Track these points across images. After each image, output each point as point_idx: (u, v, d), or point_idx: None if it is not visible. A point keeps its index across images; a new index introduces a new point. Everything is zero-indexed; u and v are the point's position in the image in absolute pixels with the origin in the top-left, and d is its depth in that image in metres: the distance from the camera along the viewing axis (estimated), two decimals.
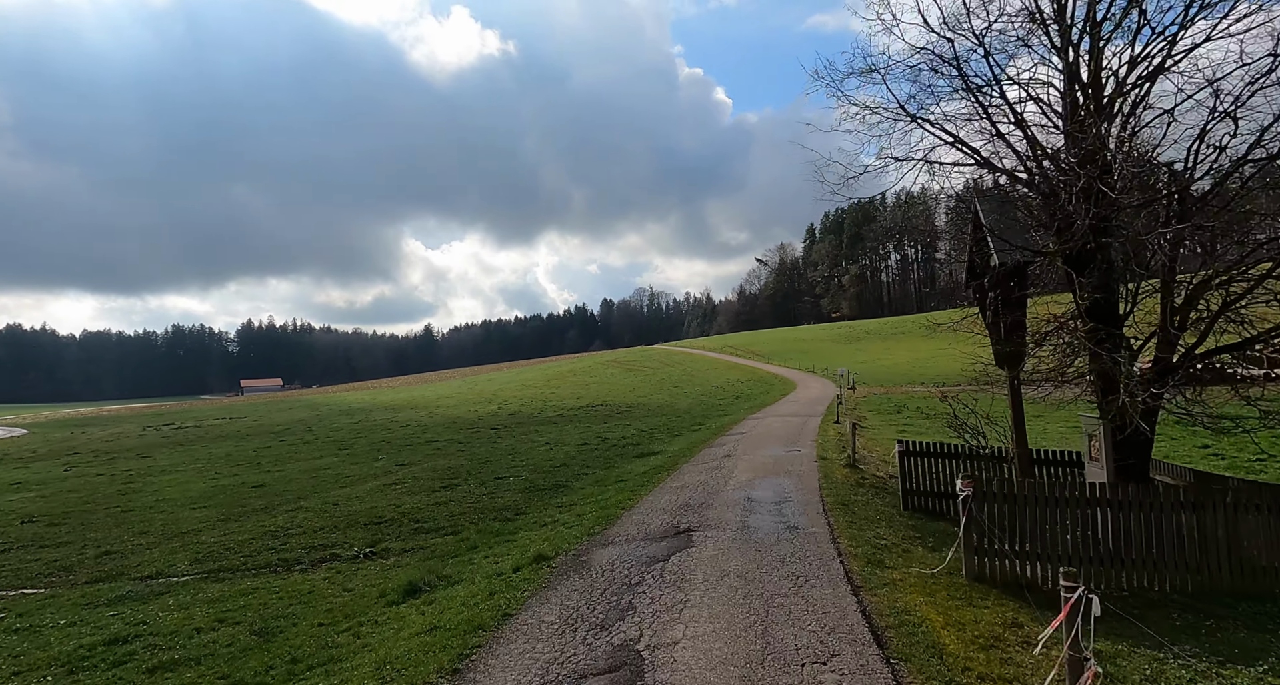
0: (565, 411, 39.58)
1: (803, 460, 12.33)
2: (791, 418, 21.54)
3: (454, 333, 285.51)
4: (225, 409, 66.95)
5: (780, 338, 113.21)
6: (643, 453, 16.08)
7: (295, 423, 44.09)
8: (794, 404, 27.96)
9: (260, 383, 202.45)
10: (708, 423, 23.02)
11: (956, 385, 40.91)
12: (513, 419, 36.58)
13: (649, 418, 30.08)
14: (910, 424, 19.65)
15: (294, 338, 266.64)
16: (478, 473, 14.86)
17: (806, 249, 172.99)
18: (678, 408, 36.00)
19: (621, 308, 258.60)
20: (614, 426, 26.30)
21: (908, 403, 27.93)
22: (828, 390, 36.61)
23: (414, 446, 23.75)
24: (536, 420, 34.38)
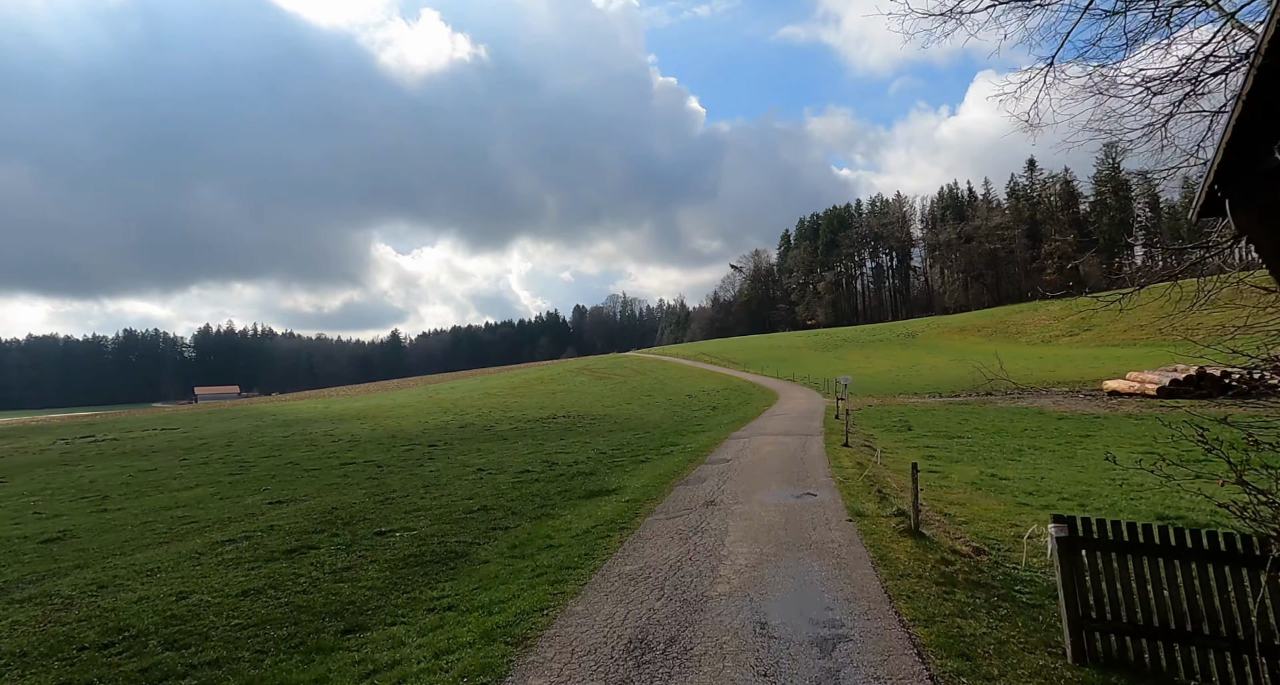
0: (522, 424, 35.13)
1: (828, 516, 8.10)
2: (785, 437, 17.46)
3: (422, 339, 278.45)
4: (163, 419, 61.12)
5: (755, 345, 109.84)
6: (594, 490, 11.76)
7: (221, 436, 38.96)
8: (782, 418, 23.90)
9: (216, 390, 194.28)
10: (682, 442, 18.84)
11: (955, 395, 37.22)
12: (461, 433, 32.04)
13: (614, 433, 25.77)
14: (936, 447, 15.69)
15: (254, 343, 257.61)
16: (360, 521, 10.48)
17: (781, 255, 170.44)
18: (648, 421, 31.70)
19: (594, 314, 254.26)
20: (571, 445, 21.98)
21: (911, 417, 24.08)
22: (815, 401, 32.69)
23: (322, 471, 19.20)
24: (487, 434, 29.89)
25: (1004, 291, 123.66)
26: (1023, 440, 16.34)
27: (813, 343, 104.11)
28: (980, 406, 26.78)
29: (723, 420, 26.84)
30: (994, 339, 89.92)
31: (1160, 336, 69.61)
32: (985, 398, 31.22)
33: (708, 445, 16.94)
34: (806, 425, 20.62)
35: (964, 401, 29.52)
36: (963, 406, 27.31)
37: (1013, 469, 12.14)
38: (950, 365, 67.34)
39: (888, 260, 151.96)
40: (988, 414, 23.72)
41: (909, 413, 25.33)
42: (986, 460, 13.32)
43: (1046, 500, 9.44)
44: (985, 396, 31.74)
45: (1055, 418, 21.25)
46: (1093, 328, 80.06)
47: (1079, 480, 10.99)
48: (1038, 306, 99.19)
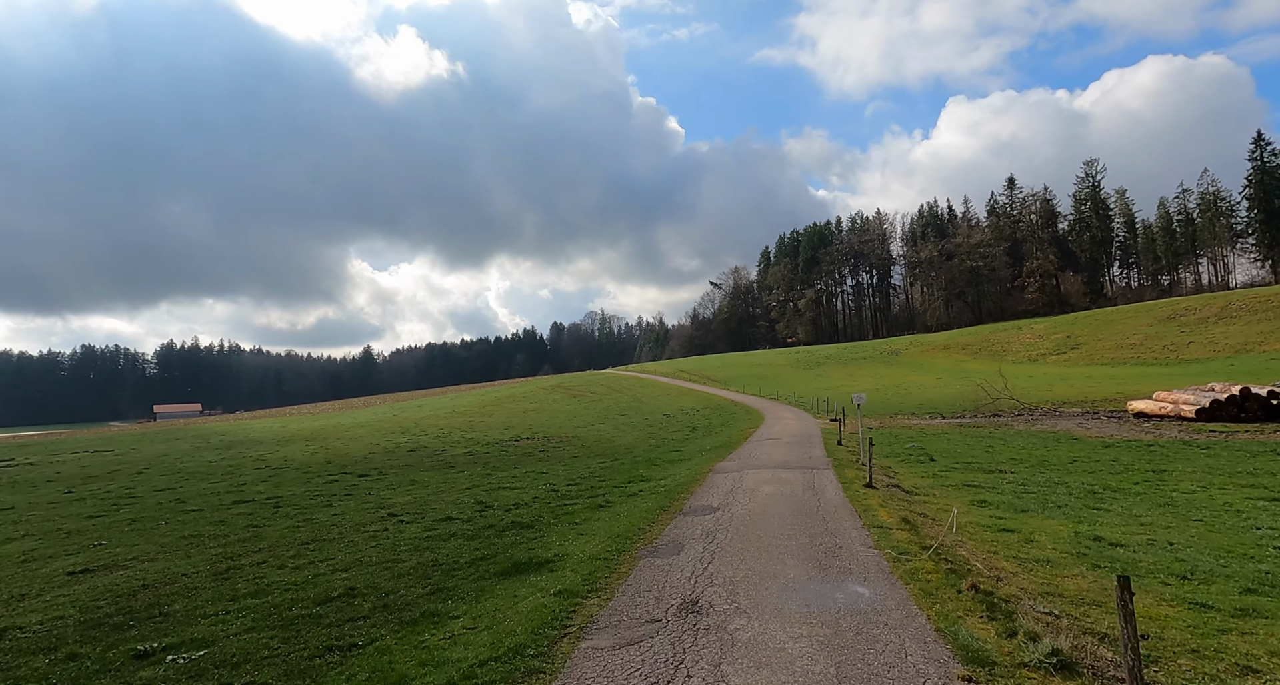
0: (480, 447, 31.25)
1: (918, 663, 4.42)
2: (785, 472, 13.88)
3: (396, 356, 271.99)
4: (104, 440, 55.97)
5: (736, 362, 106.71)
6: (521, 562, 8.05)
7: (145, 461, 34.56)
8: (774, 444, 20.35)
9: (176, 408, 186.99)
10: (655, 476, 15.22)
11: (959, 416, 33.85)
12: (408, 458, 28.07)
13: (578, 460, 22.04)
14: (981, 487, 12.20)
15: (220, 360, 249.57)
16: (146, 620, 6.77)
17: (761, 272, 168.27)
18: (619, 445, 27.99)
19: (572, 332, 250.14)
20: (523, 476, 18.27)
21: (924, 442, 20.69)
22: (807, 423, 29.19)
23: (204, 512, 15.25)
24: (435, 460, 25.95)
25: (985, 309, 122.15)
26: (1081, 476, 12.99)
27: (794, 360, 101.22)
28: (995, 429, 23.48)
29: (704, 445, 23.22)
30: (979, 357, 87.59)
31: (1151, 355, 67.75)
32: (994, 419, 28.00)
33: (687, 481, 13.34)
34: (806, 454, 17.11)
35: (974, 423, 26.25)
36: (975, 429, 24.00)
37: (1111, 525, 8.73)
38: (938, 383, 64.59)
39: (868, 278, 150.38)
40: (1012, 439, 20.39)
41: (919, 437, 21.90)
42: (1063, 509, 9.88)
43: (1232, 597, 5.91)
44: (993, 418, 28.52)
45: (1098, 445, 17.96)
46: (1080, 346, 78.06)
47: (1224, 547, 7.58)
48: (1021, 325, 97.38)
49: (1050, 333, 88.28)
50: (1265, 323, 63.79)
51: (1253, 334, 61.97)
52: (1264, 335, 60.74)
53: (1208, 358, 60.22)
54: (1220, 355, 59.67)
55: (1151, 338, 71.04)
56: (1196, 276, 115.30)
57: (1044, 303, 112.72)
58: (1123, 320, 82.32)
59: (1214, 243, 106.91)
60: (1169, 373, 56.18)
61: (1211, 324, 69.01)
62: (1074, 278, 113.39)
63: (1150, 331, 73.33)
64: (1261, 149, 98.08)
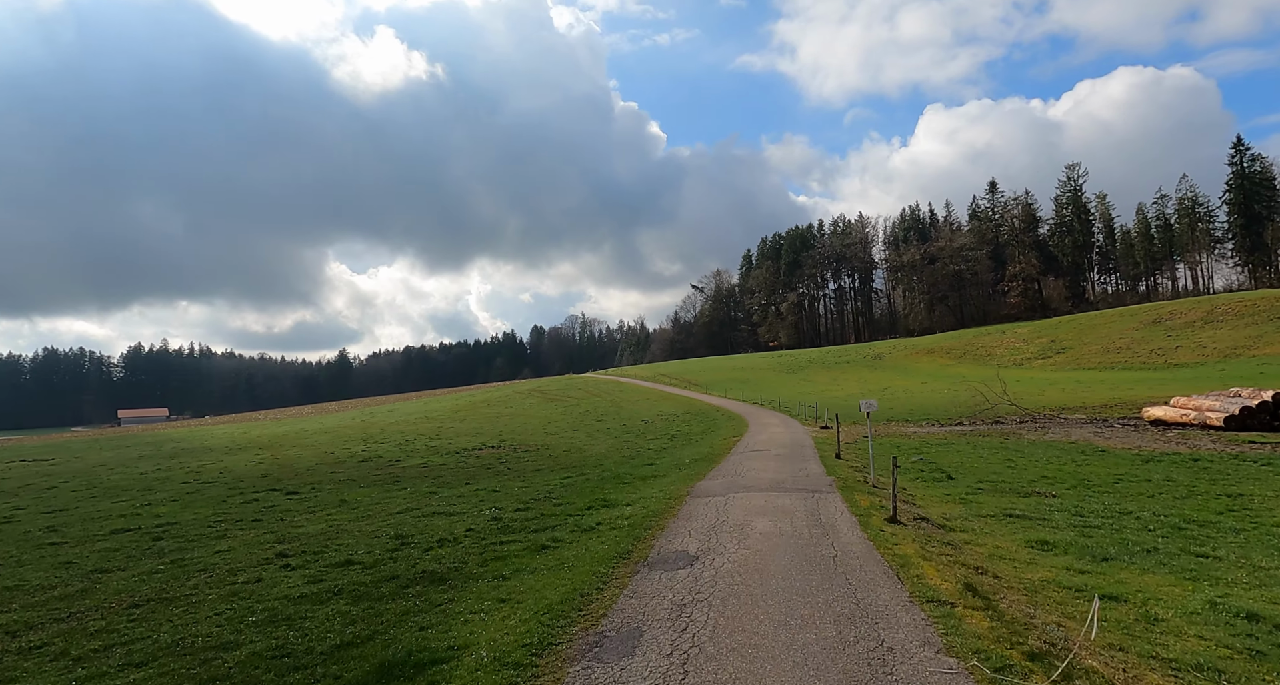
0: (437, 457, 28.42)
1: None
2: (780, 497, 11.29)
3: (372, 359, 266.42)
4: (52, 447, 52.16)
5: (717, 366, 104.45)
6: (399, 661, 5.35)
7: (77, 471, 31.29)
8: (763, 457, 17.80)
9: (142, 413, 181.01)
10: (619, 503, 12.54)
11: (958, 423, 31.45)
12: (355, 470, 25.17)
13: (538, 475, 19.35)
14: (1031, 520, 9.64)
15: (189, 363, 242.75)
16: None
17: (743, 275, 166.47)
18: (589, 455, 25.31)
19: (552, 335, 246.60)
20: (467, 498, 15.57)
21: (933, 455, 18.28)
22: (795, 431, 26.72)
23: (68, 545, 12.40)
24: (380, 475, 23.09)
25: (968, 313, 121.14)
26: (1141, 501, 10.60)
27: (777, 364, 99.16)
28: (1004, 439, 21.15)
29: (683, 457, 20.62)
30: (964, 361, 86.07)
31: (1138, 360, 66.48)
32: (996, 426, 25.73)
33: (659, 509, 10.74)
34: (802, 470, 14.58)
35: (978, 432, 23.92)
36: (982, 438, 21.66)
37: (1245, 586, 6.30)
38: (925, 388, 62.68)
39: (850, 281, 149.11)
40: (1028, 451, 18.02)
41: (923, 448, 19.47)
42: (1156, 556, 7.43)
43: None
44: (995, 425, 26.26)
45: (1134, 459, 15.63)
46: (1066, 350, 76.76)
47: None
48: (1005, 329, 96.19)
49: (1034, 337, 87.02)
50: (1252, 327, 62.70)
51: (1241, 338, 60.78)
52: (1252, 339, 59.57)
53: (1197, 362, 58.88)
54: (1210, 360, 58.35)
55: (1138, 342, 69.79)
56: (1173, 282, 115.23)
57: (1026, 307, 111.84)
58: (1107, 324, 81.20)
59: (1194, 248, 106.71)
60: (1159, 378, 54.69)
61: (1198, 328, 67.88)
62: (1056, 282, 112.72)
63: (1136, 336, 72.12)
64: (1241, 154, 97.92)
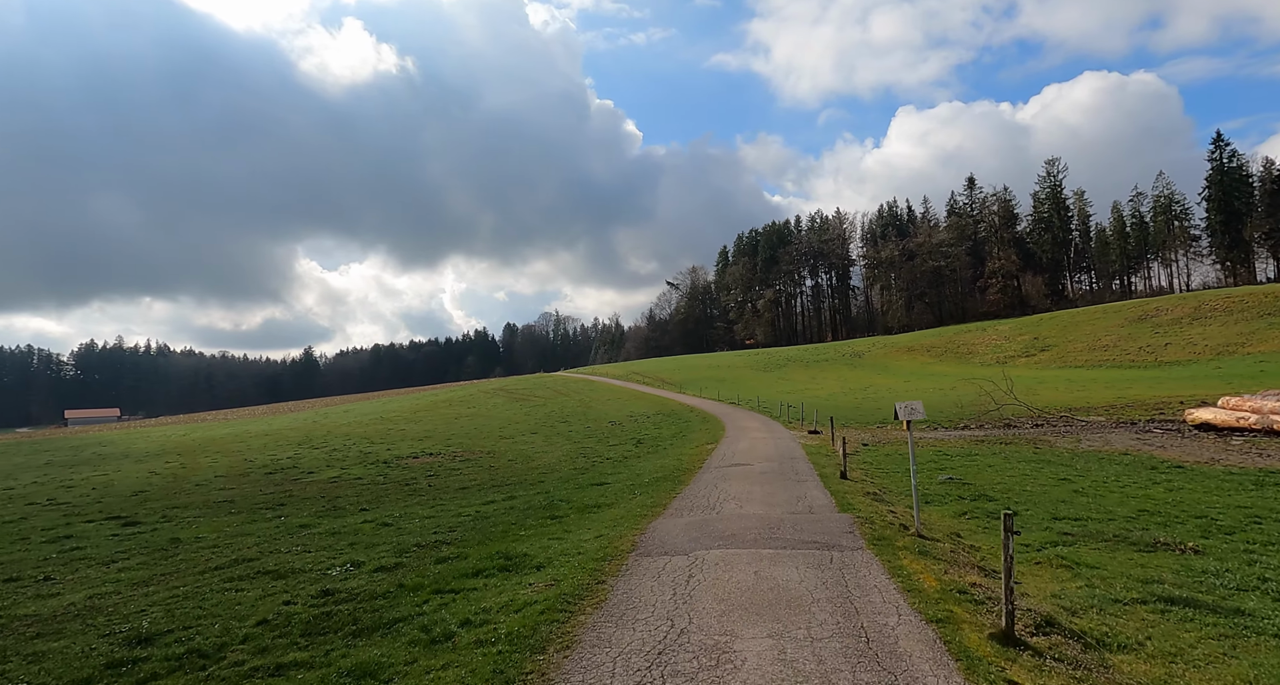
0: (360, 469, 24.51)
1: None
2: (781, 561, 7.15)
3: (340, 358, 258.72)
4: None
5: (692, 365, 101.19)
6: None
7: None
8: (743, 478, 14.22)
9: (91, 413, 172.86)
10: (524, 565, 8.25)
11: (964, 426, 27.93)
12: (253, 486, 21.27)
13: (458, 499, 15.58)
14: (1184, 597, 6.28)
15: (145, 361, 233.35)
16: None
17: (719, 272, 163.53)
18: (536, 466, 21.60)
19: (526, 333, 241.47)
20: (341, 539, 11.82)
21: (952, 466, 14.98)
22: (779, 435, 23.27)
23: None
24: (270, 495, 19.13)
25: (946, 311, 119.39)
26: None
27: (754, 362, 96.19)
28: (1036, 449, 17.87)
29: (643, 473, 17.00)
30: (945, 359, 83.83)
31: (1127, 357, 64.56)
32: (1011, 431, 22.55)
33: (576, 591, 6.72)
34: (800, 500, 10.96)
35: (995, 437, 20.68)
36: (1007, 447, 18.38)
37: None
38: (909, 386, 59.94)
39: (827, 279, 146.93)
40: (1084, 466, 14.69)
41: (941, 460, 16.08)
42: None
43: None
44: (1009, 429, 23.08)
45: (1237, 480, 12.28)
46: (1050, 348, 74.79)
47: None
48: (986, 326, 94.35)
49: (1016, 334, 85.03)
50: (1243, 323, 60.93)
51: (1232, 335, 58.90)
52: (1244, 336, 57.70)
53: (1189, 360, 56.87)
54: (1202, 357, 56.34)
55: (1125, 339, 67.83)
56: (1147, 280, 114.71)
57: (1006, 304, 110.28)
58: (1090, 322, 79.38)
59: (1173, 245, 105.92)
60: (1153, 376, 52.53)
61: (1185, 325, 66.07)
62: (1035, 279, 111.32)
63: (1122, 333, 70.22)
64: (1221, 150, 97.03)
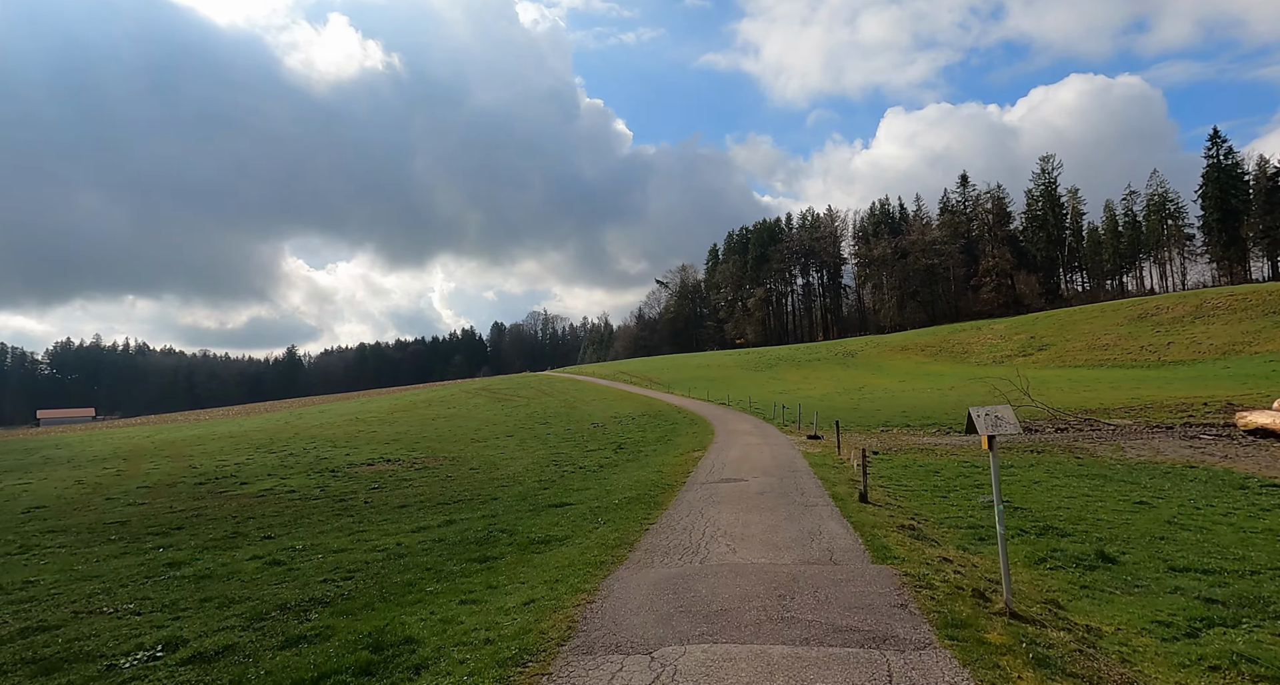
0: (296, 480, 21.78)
1: None
2: (796, 649, 4.44)
3: (324, 357, 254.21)
4: None
5: (681, 364, 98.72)
6: None
7: None
8: (739, 501, 11.56)
9: (65, 413, 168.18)
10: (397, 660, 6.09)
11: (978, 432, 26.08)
12: (168, 502, 18.52)
13: (384, 527, 12.89)
14: None
15: (124, 360, 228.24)
16: None
17: (709, 271, 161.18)
18: (497, 478, 18.95)
19: (513, 332, 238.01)
20: (237, 571, 9.26)
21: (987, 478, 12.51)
22: (773, 440, 20.77)
23: None
24: (175, 516, 16.32)
25: (939, 310, 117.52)
26: None
27: (744, 361, 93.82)
28: (1078, 460, 15.43)
29: (615, 490, 14.39)
30: (940, 359, 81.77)
31: (1128, 357, 62.67)
32: (1035, 436, 20.12)
33: None
34: (816, 539, 8.29)
35: (1024, 444, 18.24)
36: (1040, 455, 15.95)
37: None
38: (904, 386, 57.73)
39: (818, 278, 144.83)
40: (1151, 483, 12.22)
41: (978, 475, 13.58)
42: None
43: None
44: (1031, 434, 20.65)
45: None
46: (1047, 347, 72.88)
47: None
48: (981, 325, 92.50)
49: (1012, 333, 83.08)
50: (1248, 322, 59.09)
51: (1238, 334, 57.02)
52: (1251, 335, 55.82)
53: (1194, 359, 54.94)
54: (1207, 356, 54.41)
55: (1125, 338, 65.91)
56: (1139, 280, 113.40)
57: (1000, 303, 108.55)
58: (1088, 321, 77.52)
59: (1168, 243, 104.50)
60: (1160, 376, 50.56)
61: (1188, 324, 64.22)
62: (1029, 278, 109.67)
63: (1122, 332, 68.31)
64: (1217, 147, 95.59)
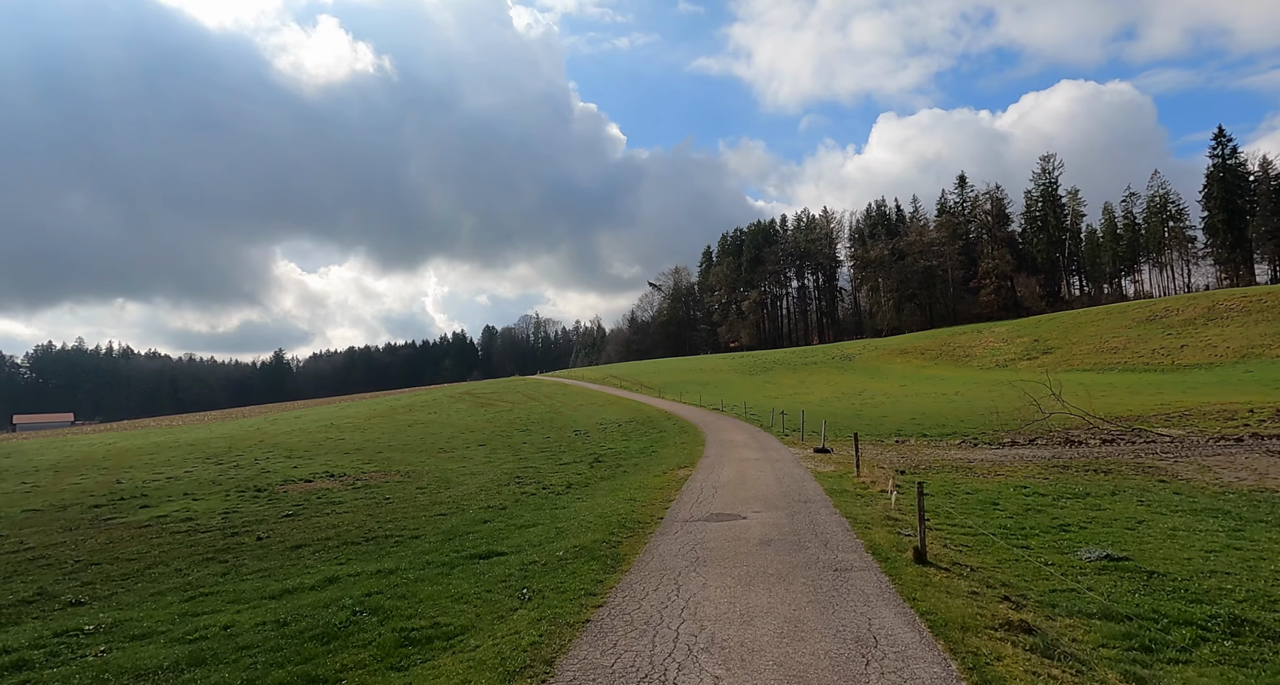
0: (218, 499, 18.75)
1: None
2: None
3: (313, 361, 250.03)
4: None
5: (674, 367, 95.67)
6: None
7: None
8: (735, 553, 8.49)
9: (42, 418, 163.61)
10: None
11: (1012, 441, 21.78)
12: (59, 519, 15.42)
13: (266, 574, 9.91)
14: None
15: (107, 364, 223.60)
16: None
17: (703, 273, 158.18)
18: (442, 502, 15.88)
19: (505, 336, 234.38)
20: None
21: (1066, 514, 9.56)
22: (772, 453, 17.81)
23: None
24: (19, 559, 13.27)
25: (937, 313, 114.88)
26: None
27: (739, 365, 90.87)
28: (1158, 481, 12.44)
29: (572, 526, 11.32)
30: (941, 362, 79.02)
31: (1140, 360, 60.08)
32: (1077, 448, 17.15)
33: None
34: (858, 631, 5.50)
35: (1078, 460, 15.26)
36: (1106, 477, 12.99)
37: None
38: (905, 391, 54.92)
39: (814, 280, 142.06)
40: None
41: (1049, 507, 10.58)
42: None
43: None
44: (1072, 446, 17.68)
45: None
46: (1052, 350, 70.21)
47: None
48: (981, 328, 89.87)
49: (1014, 336, 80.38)
50: (1265, 324, 56.49)
51: (1254, 337, 54.40)
52: (1270, 338, 53.20)
53: (1211, 363, 52.25)
54: (1225, 360, 51.74)
55: (1135, 341, 63.23)
56: (1139, 284, 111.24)
57: (999, 306, 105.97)
58: (1093, 323, 74.92)
59: (1171, 246, 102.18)
60: (1177, 380, 47.87)
61: (1200, 326, 61.60)
62: (1029, 280, 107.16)
63: (1131, 334, 65.66)
64: (1222, 146, 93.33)
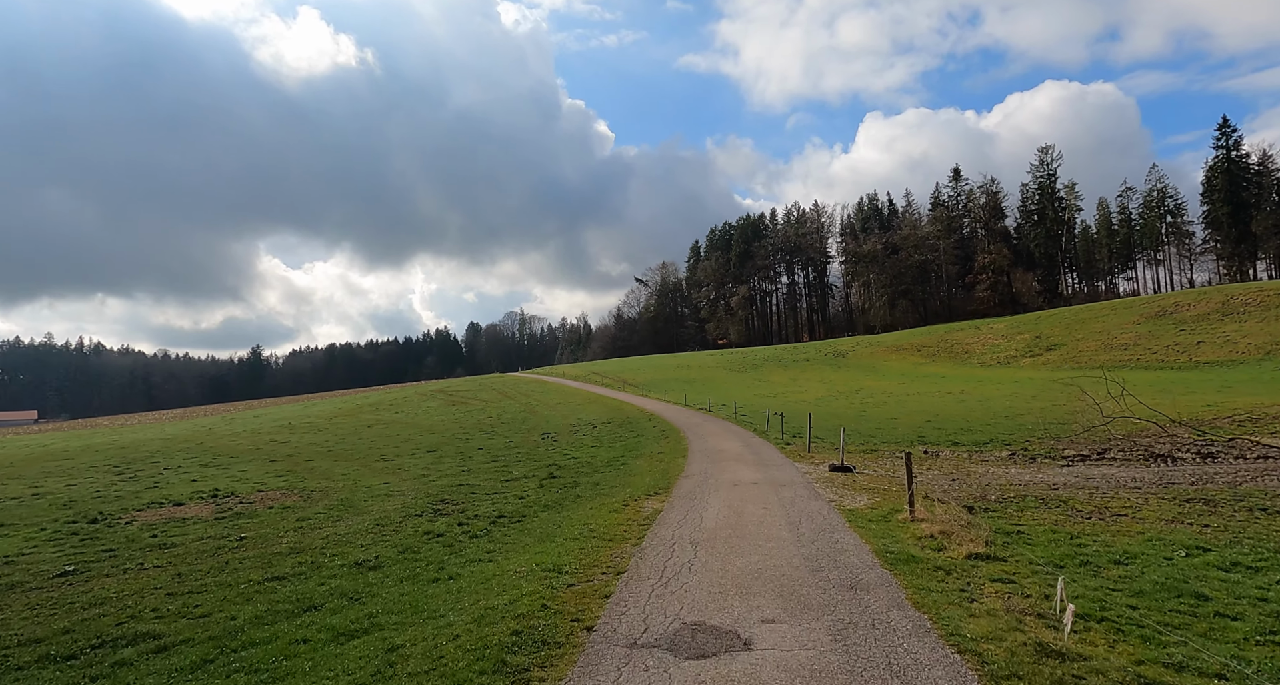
0: (25, 532, 14.40)
1: None
2: None
3: (292, 358, 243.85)
4: None
5: (660, 365, 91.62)
6: None
7: None
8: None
9: (5, 415, 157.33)
10: None
11: (1079, 455, 16.60)
12: None
13: None
14: None
15: (76, 360, 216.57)
16: None
17: (690, 268, 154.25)
18: (313, 547, 11.64)
19: (490, 333, 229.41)
20: None
21: None
22: (774, 474, 13.82)
23: None
24: None
25: (931, 309, 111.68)
26: None
27: (727, 362, 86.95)
28: None
29: (464, 621, 7.29)
30: (938, 360, 75.49)
31: (1153, 357, 56.85)
32: (1176, 465, 13.19)
33: None
34: None
35: (1187, 486, 11.25)
36: (1273, 519, 8.92)
37: None
38: (904, 389, 51.27)
39: (804, 275, 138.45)
40: None
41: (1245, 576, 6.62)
42: None
43: None
44: (1166, 462, 13.74)
45: None
46: (1056, 347, 66.85)
47: None
48: (979, 324, 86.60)
49: (1014, 333, 76.99)
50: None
51: (1279, 332, 51.08)
52: None
53: (1231, 360, 48.91)
54: (1249, 356, 48.39)
55: (1146, 337, 59.89)
56: (1135, 280, 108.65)
57: (996, 302, 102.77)
58: (1098, 319, 71.62)
59: (1167, 241, 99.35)
60: (1201, 379, 44.47)
61: (1215, 322, 58.35)
62: (1026, 276, 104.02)
63: (1140, 330, 62.33)
64: (1227, 137, 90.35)
